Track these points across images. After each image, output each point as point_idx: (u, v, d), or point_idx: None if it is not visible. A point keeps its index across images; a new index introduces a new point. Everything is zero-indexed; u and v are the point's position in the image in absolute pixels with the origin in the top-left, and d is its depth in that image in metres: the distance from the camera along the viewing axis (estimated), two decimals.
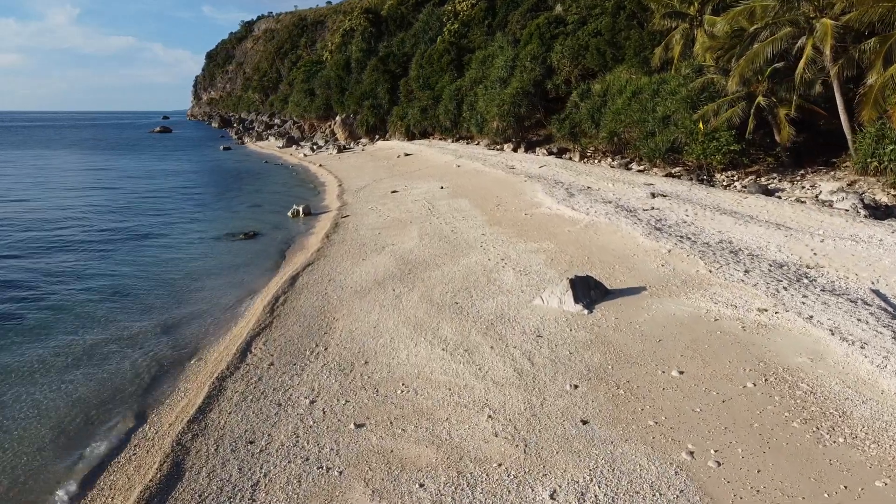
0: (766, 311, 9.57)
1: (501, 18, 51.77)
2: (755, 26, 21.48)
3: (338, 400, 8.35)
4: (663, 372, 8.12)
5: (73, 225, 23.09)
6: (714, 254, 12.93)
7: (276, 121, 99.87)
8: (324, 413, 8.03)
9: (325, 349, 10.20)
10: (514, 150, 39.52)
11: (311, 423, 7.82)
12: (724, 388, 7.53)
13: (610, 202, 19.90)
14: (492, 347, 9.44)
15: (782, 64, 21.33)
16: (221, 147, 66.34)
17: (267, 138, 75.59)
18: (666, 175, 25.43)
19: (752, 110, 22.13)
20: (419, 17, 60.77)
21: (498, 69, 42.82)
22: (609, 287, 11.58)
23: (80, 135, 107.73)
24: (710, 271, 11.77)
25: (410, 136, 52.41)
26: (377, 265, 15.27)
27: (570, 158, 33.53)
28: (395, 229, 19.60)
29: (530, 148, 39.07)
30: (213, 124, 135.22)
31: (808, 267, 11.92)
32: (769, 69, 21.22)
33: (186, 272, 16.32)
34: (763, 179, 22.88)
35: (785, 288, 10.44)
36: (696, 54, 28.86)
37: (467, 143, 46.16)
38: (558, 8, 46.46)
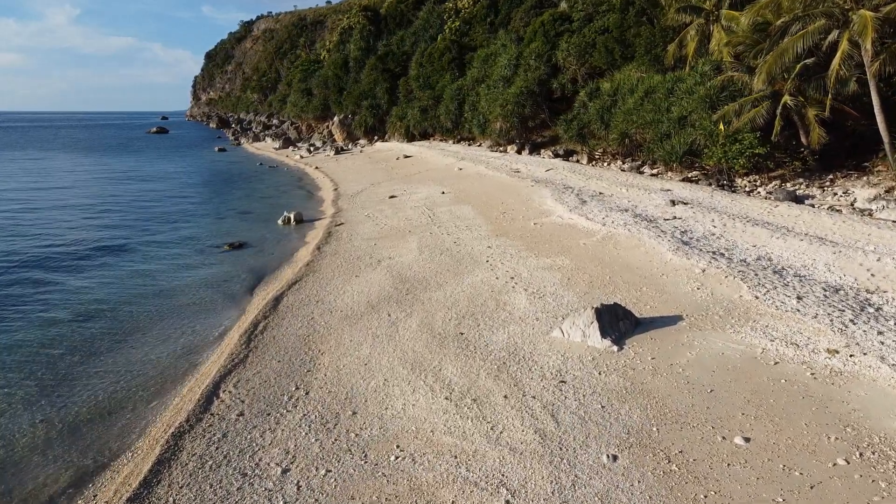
0: (837, 352, 7.93)
1: (504, 16, 50.16)
2: (782, 19, 19.83)
3: (317, 469, 6.71)
4: (724, 438, 6.48)
5: (44, 233, 21.45)
6: (756, 275, 11.29)
7: (275, 121, 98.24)
8: (298, 489, 6.40)
9: (307, 393, 8.57)
10: (518, 151, 37.90)
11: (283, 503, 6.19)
12: (808, 465, 5.89)
13: (626, 210, 18.26)
14: (506, 397, 7.80)
15: (812, 60, 19.69)
16: (216, 148, 64.68)
17: (264, 139, 73.96)
18: (683, 180, 23.79)
19: (779, 110, 20.48)
20: (419, 14, 59.15)
21: (501, 68, 41.21)
22: (639, 315, 9.94)
23: (75, 135, 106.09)
24: (757, 297, 10.13)
25: (410, 138, 50.78)
26: (371, 283, 13.64)
27: (578, 161, 31.90)
28: (392, 240, 17.98)
29: (535, 150, 37.44)
30: (211, 125, 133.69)
31: (868, 292, 10.28)
32: (798, 66, 19.57)
33: (159, 290, 14.67)
34: (789, 185, 21.23)
35: (852, 321, 8.80)
36: (711, 51, 27.27)
37: (469, 145, 44.54)
38: (563, 5, 44.81)
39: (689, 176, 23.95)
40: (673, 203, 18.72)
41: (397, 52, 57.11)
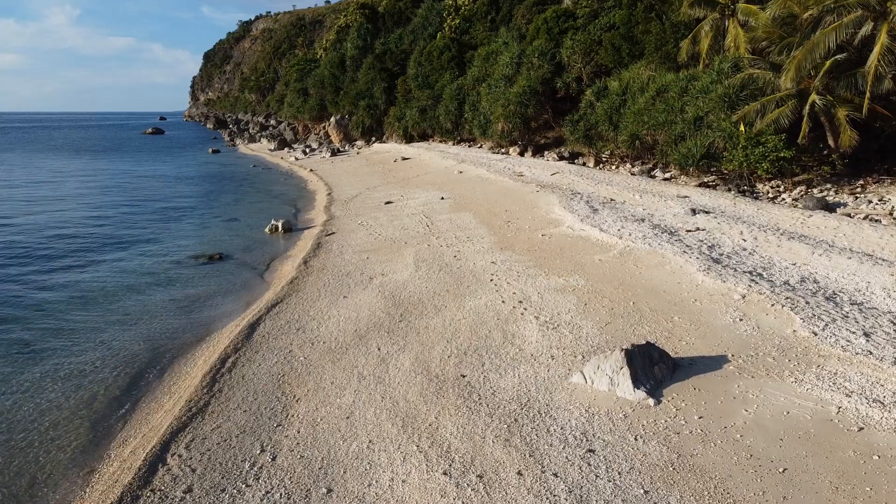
0: None
1: (506, 13, 48.53)
2: (810, 12, 18.25)
3: None
4: None
5: (12, 242, 19.82)
6: (807, 302, 9.67)
7: (272, 122, 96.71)
8: None
9: (273, 458, 6.95)
10: (521, 154, 36.29)
11: None
12: None
13: (643, 220, 16.65)
14: (520, 473, 6.18)
15: (844, 56, 18.09)
16: (210, 150, 63.06)
17: (259, 140, 72.33)
18: (699, 185, 22.17)
19: (806, 110, 18.88)
20: (418, 11, 57.52)
21: (502, 66, 39.58)
22: (674, 355, 8.34)
23: (69, 136, 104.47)
24: (815, 333, 8.51)
25: (408, 139, 49.16)
26: (361, 306, 12.03)
27: (585, 164, 30.28)
28: (386, 252, 16.37)
29: (538, 152, 35.85)
30: (208, 125, 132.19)
31: None
32: (829, 62, 17.98)
33: (123, 313, 13.03)
34: (816, 191, 19.63)
35: None
36: (727, 47, 25.69)
37: (469, 147, 42.92)
38: (567, 1, 43.18)
39: (706, 181, 22.34)
40: (694, 212, 17.11)
41: (395, 51, 55.49)
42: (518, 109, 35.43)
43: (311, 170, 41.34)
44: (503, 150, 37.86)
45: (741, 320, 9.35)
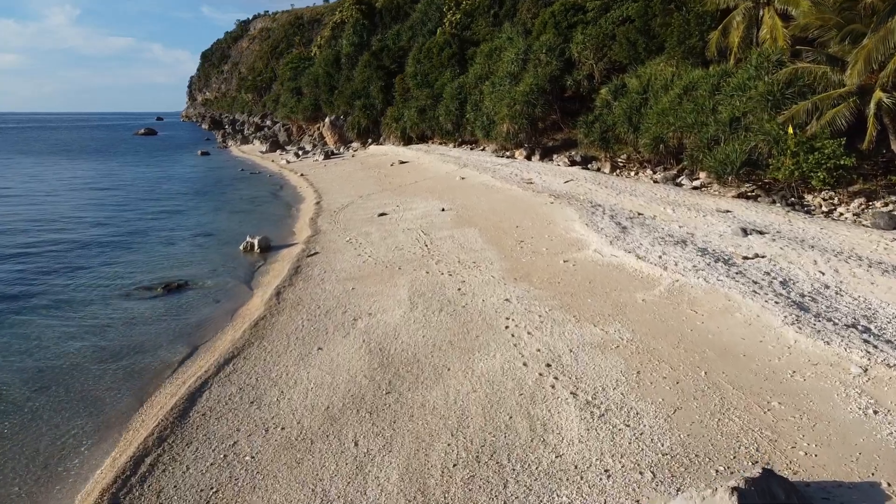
0: None
1: (509, 7, 45.71)
2: None
3: None
4: None
5: None
6: None
7: (268, 122, 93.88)
8: None
9: None
10: (528, 157, 33.42)
11: None
12: None
13: (684, 242, 13.82)
14: None
15: None
16: (199, 152, 60.18)
17: (252, 142, 69.48)
18: (737, 196, 19.31)
19: (872, 110, 16.06)
20: (416, 6, 54.64)
21: (507, 63, 36.76)
22: (793, 476, 5.51)
23: (58, 136, 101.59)
24: None
25: (407, 141, 46.30)
26: (338, 366, 9.21)
27: (600, 170, 27.41)
28: (376, 281, 13.55)
29: (546, 155, 32.99)
30: (203, 126, 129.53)
31: None
32: None
33: (26, 377, 10.11)
34: (880, 204, 16.81)
35: None
36: (762, 39, 22.89)
37: (471, 149, 40.07)
38: None
39: (745, 191, 19.49)
40: (745, 232, 14.27)
41: (393, 48, 52.61)
42: (525, 109, 32.60)
43: (302, 174, 38.49)
44: (508, 154, 35.03)
45: (875, 413, 6.53)
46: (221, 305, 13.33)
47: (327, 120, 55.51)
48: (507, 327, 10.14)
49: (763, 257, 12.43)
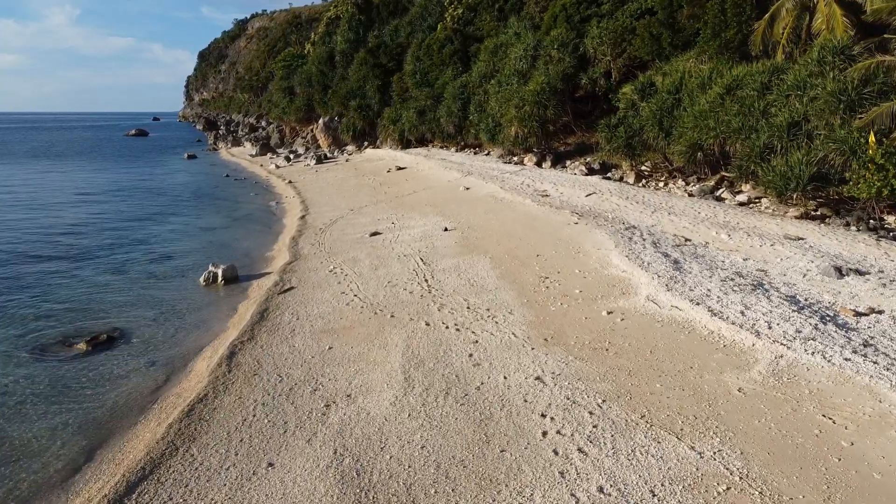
0: None
1: (515, 0, 42.51)
2: None
3: None
4: None
5: None
6: None
7: (263, 123, 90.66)
8: None
9: None
10: (538, 164, 30.16)
11: None
12: None
13: (761, 285, 10.54)
14: None
15: None
16: (186, 155, 56.93)
17: (244, 144, 66.16)
18: (801, 216, 16.03)
19: None
20: (416, 1, 51.42)
21: (515, 61, 33.56)
22: None
23: (43, 138, 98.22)
24: None
25: (405, 144, 43.04)
26: (294, 500, 5.97)
27: (622, 179, 24.14)
28: (360, 339, 10.30)
29: (558, 162, 29.75)
30: (198, 126, 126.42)
31: None
32: None
33: None
34: None
35: None
36: (815, 30, 19.72)
37: (475, 154, 36.84)
38: None
39: (810, 210, 16.22)
40: (839, 272, 11.00)
41: (391, 45, 49.35)
42: (535, 111, 29.34)
43: (290, 181, 35.24)
44: (516, 160, 31.75)
45: None
46: (152, 375, 10.00)
47: (321, 121, 52.27)
48: (544, 433, 6.89)
49: (881, 313, 9.18)
